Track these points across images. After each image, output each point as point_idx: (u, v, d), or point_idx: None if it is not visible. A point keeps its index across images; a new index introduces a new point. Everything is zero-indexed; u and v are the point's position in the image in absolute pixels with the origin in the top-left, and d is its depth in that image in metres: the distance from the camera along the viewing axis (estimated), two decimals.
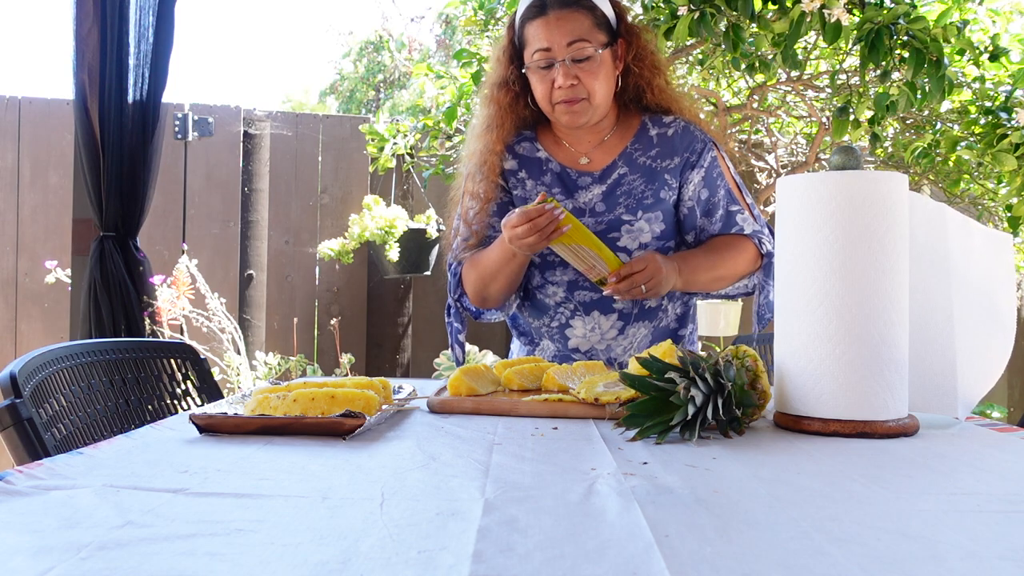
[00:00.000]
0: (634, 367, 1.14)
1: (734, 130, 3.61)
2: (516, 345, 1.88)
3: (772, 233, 1.68)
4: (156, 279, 2.97)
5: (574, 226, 1.48)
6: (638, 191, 1.65)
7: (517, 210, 1.49)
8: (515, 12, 1.66)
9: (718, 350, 1.14)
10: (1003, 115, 2.60)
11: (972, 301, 1.16)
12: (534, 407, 1.19)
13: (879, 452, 0.95)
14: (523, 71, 1.64)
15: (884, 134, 3.31)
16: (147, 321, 2.81)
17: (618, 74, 1.65)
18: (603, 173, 1.68)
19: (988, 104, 2.71)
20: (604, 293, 1.58)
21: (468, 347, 3.32)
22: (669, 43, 2.60)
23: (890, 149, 3.47)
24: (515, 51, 1.66)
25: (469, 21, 3.34)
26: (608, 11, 1.62)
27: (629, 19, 1.68)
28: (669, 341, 1.26)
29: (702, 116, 1.91)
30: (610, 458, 0.90)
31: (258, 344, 3.92)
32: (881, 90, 2.49)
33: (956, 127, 2.98)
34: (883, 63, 2.31)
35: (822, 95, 3.43)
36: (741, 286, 1.73)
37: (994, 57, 2.58)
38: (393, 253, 3.72)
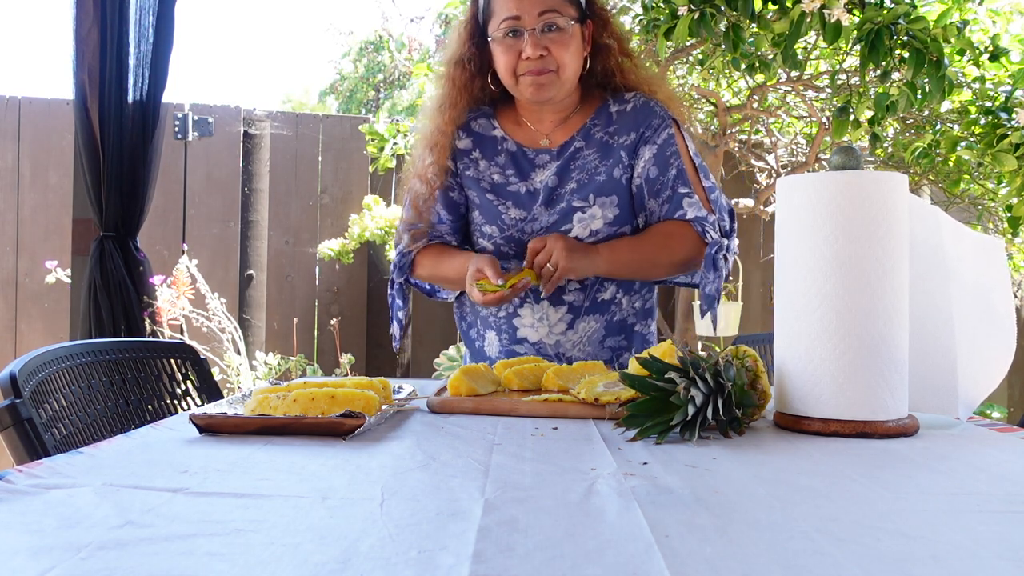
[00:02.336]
0: (634, 367, 1.14)
1: (734, 130, 3.61)
2: (466, 353, 1.82)
3: (732, 218, 1.61)
4: (156, 279, 2.97)
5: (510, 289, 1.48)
6: (591, 166, 1.59)
7: (486, 285, 1.46)
8: None
9: (718, 350, 1.14)
10: (1003, 115, 2.60)
11: (970, 302, 1.16)
12: (534, 407, 1.19)
13: (879, 452, 0.95)
14: (483, 47, 1.59)
15: (884, 134, 3.31)
16: (147, 321, 2.81)
17: (586, 55, 1.60)
18: (560, 149, 1.62)
19: (988, 104, 2.71)
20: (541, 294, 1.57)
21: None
22: (669, 43, 2.60)
23: (890, 149, 3.47)
24: (477, 27, 1.60)
25: None
26: None
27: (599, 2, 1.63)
28: (669, 342, 1.25)
29: (687, 108, 1.88)
30: (610, 458, 0.90)
31: (258, 344, 3.92)
32: (881, 90, 2.50)
33: (956, 127, 2.98)
34: (883, 63, 2.31)
35: (822, 95, 3.43)
36: (689, 277, 1.67)
37: (994, 57, 2.58)
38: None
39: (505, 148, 1.65)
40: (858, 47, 2.37)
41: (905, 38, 2.25)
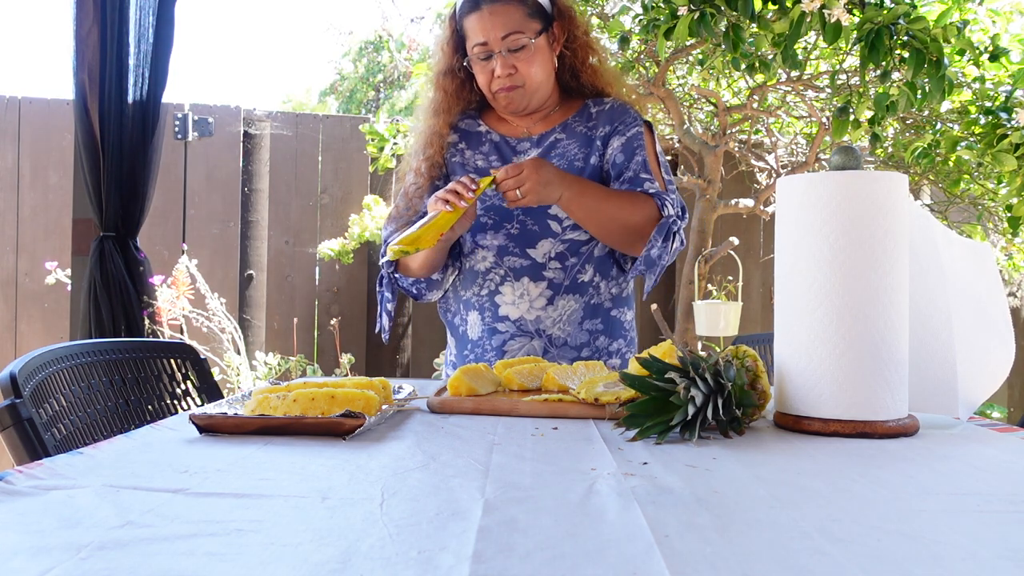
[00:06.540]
0: (634, 367, 1.14)
1: (734, 130, 3.61)
2: (451, 342, 1.86)
3: (684, 214, 1.72)
4: (156, 279, 2.97)
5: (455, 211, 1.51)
6: (571, 153, 1.73)
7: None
8: (455, 4, 1.74)
9: (718, 350, 1.14)
10: (1003, 115, 2.59)
11: (967, 304, 1.16)
12: (534, 407, 1.19)
13: (879, 452, 0.95)
14: (466, 61, 1.72)
15: (884, 134, 3.31)
16: (147, 321, 2.81)
17: (556, 55, 1.74)
18: (540, 137, 1.77)
19: (988, 104, 2.71)
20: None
21: None
22: (669, 43, 2.60)
23: (890, 149, 3.47)
24: (459, 41, 1.73)
25: None
26: None
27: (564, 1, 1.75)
28: (669, 342, 1.25)
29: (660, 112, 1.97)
30: (610, 458, 0.90)
31: (258, 344, 3.92)
32: (881, 90, 2.49)
33: (956, 127, 2.98)
34: (883, 63, 2.31)
35: (822, 95, 3.43)
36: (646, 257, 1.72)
37: (994, 57, 2.58)
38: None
39: (489, 139, 1.80)
40: (858, 47, 2.37)
41: (905, 38, 2.25)
